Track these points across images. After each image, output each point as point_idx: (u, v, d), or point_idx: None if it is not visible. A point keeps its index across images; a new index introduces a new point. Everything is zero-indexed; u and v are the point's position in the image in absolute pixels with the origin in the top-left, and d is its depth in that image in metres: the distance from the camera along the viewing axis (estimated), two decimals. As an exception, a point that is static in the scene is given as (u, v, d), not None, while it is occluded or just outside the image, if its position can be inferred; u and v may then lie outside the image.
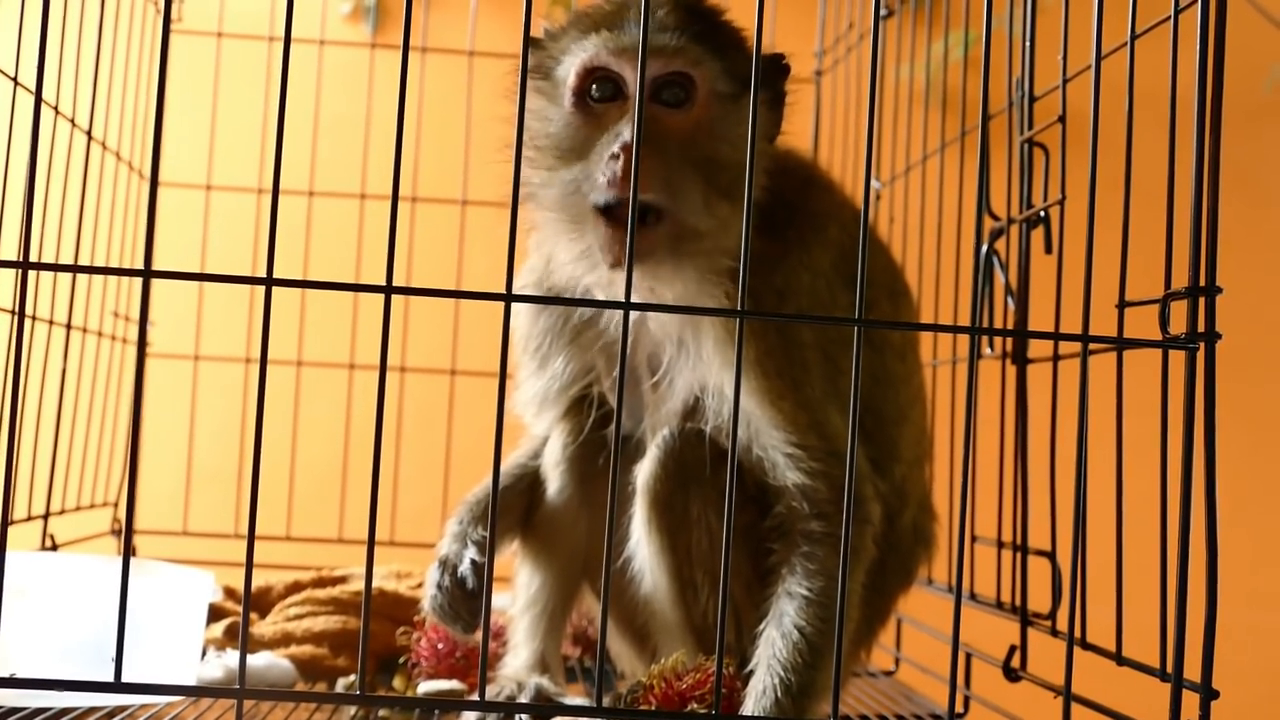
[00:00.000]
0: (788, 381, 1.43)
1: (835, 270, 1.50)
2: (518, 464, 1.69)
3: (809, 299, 1.47)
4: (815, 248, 1.49)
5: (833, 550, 1.41)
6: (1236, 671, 1.18)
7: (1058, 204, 1.49)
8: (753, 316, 1.18)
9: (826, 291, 1.49)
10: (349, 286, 1.14)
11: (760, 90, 1.38)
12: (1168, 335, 1.20)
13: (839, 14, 2.44)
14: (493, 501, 1.16)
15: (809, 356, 1.45)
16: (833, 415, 1.45)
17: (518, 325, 1.61)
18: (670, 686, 1.39)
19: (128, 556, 1.11)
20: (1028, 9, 1.57)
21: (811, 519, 1.43)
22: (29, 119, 1.68)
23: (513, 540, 1.67)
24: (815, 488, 1.43)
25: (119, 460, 2.27)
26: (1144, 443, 1.29)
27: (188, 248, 2.48)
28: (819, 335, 1.46)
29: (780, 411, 1.43)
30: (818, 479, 1.43)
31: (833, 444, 1.43)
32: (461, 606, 1.52)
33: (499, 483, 1.15)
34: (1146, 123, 1.33)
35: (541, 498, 1.65)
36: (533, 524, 1.67)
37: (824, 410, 1.44)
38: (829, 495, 1.42)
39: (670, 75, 1.38)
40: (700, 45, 1.37)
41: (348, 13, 2.94)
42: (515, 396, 1.64)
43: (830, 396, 1.45)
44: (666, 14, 1.39)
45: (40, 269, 1.12)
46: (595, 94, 1.40)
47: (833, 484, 1.42)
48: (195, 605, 1.57)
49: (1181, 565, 1.16)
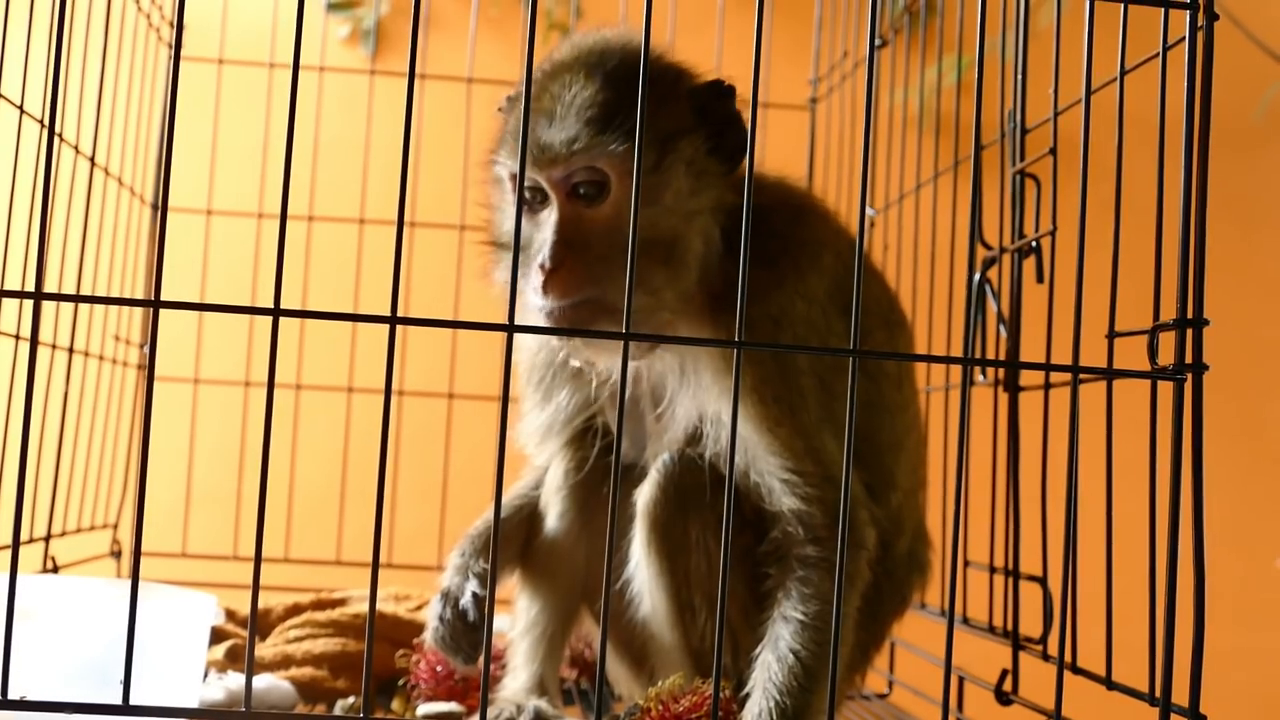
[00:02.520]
0: (784, 408, 1.45)
1: (830, 298, 1.51)
2: (519, 494, 1.70)
3: (804, 327, 1.48)
4: (810, 275, 1.50)
5: (828, 575, 1.42)
6: (1222, 693, 1.19)
7: (1049, 234, 1.51)
8: (749, 346, 1.20)
9: (822, 319, 1.50)
10: (355, 317, 1.16)
11: (700, 129, 1.43)
12: (1156, 366, 1.23)
13: (833, 42, 2.47)
14: (495, 528, 1.17)
15: (805, 383, 1.46)
16: (828, 441, 1.47)
17: (520, 358, 1.63)
18: (667, 709, 1.40)
19: (136, 579, 1.12)
20: (1019, 41, 1.60)
21: (807, 544, 1.45)
22: (32, 145, 1.72)
23: (513, 571, 1.69)
24: (810, 513, 1.44)
25: (118, 482, 2.29)
26: (1133, 470, 1.31)
27: (187, 272, 2.50)
28: (815, 362, 1.47)
29: (776, 438, 1.44)
30: (813, 504, 1.44)
31: (828, 470, 1.45)
32: (463, 639, 1.54)
33: (500, 511, 1.17)
34: (1138, 154, 1.35)
35: (541, 525, 1.66)
36: (533, 549, 1.68)
37: (819, 436, 1.46)
38: (824, 520, 1.44)
39: (581, 173, 1.38)
40: (608, 133, 1.36)
41: (346, 36, 2.97)
42: (518, 428, 1.65)
43: (825, 423, 1.47)
44: (571, 102, 1.39)
45: (52, 299, 1.14)
46: (528, 196, 1.42)
47: (828, 509, 1.44)
48: (198, 627, 1.58)
49: (1169, 590, 1.18)
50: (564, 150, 1.36)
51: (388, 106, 2.67)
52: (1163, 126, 1.27)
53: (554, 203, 1.39)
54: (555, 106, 1.39)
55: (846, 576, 1.35)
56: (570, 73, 1.41)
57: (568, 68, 1.42)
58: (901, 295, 1.80)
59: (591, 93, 1.38)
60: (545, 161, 1.37)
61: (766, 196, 1.48)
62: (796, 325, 1.47)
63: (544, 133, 1.37)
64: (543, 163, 1.37)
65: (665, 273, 1.40)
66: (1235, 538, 2.83)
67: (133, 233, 2.25)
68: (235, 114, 2.60)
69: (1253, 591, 2.95)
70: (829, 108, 2.48)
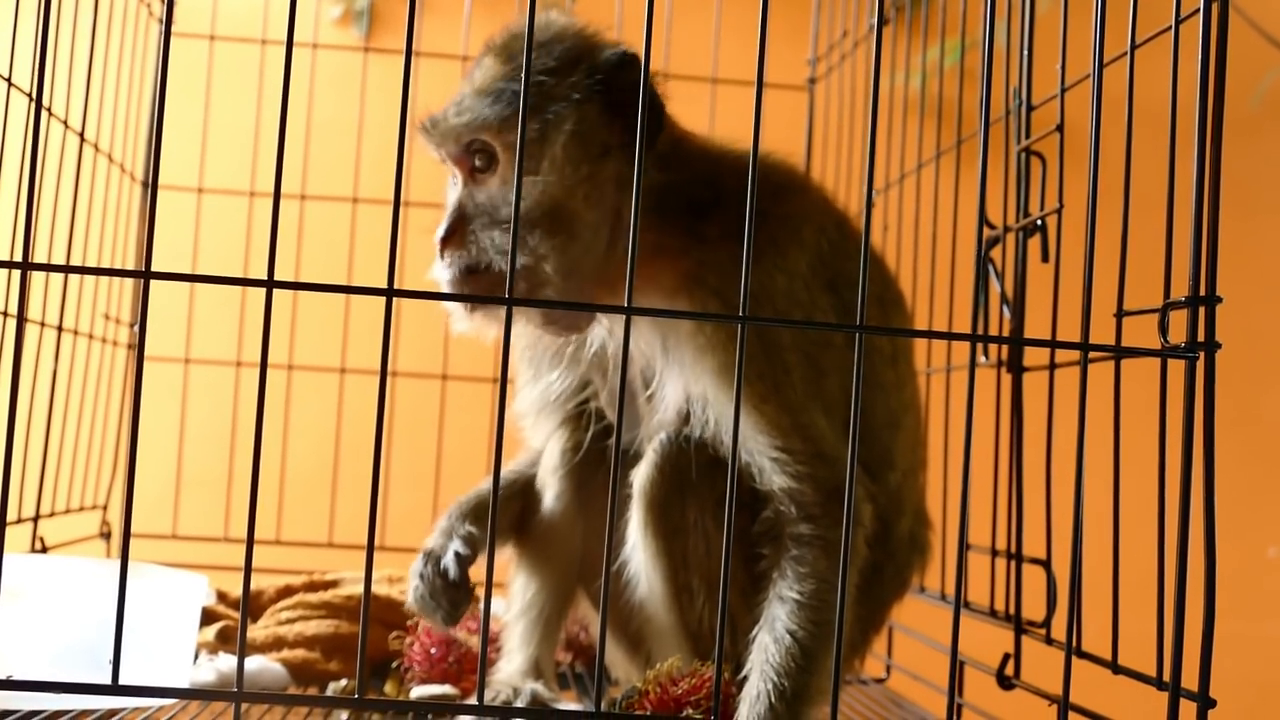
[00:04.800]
0: (769, 385, 1.43)
1: (813, 272, 1.49)
2: (515, 470, 1.69)
3: (785, 301, 1.45)
4: (790, 250, 1.48)
5: (822, 552, 1.41)
6: (1216, 680, 1.18)
7: (1055, 213, 1.49)
8: (755, 321, 1.18)
9: (805, 293, 1.47)
10: (351, 289, 1.14)
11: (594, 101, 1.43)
12: (1167, 344, 1.21)
13: (833, 21, 2.45)
14: (492, 511, 1.15)
15: (789, 359, 1.44)
16: (816, 418, 1.45)
17: (517, 334, 1.62)
18: (665, 692, 1.39)
19: (125, 559, 1.10)
20: (1025, 19, 1.57)
21: (800, 522, 1.43)
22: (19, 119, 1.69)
23: (504, 543, 1.67)
24: (801, 490, 1.42)
25: (108, 463, 2.26)
26: (1140, 450, 1.30)
27: (179, 251, 2.48)
28: (799, 337, 1.45)
29: (763, 415, 1.42)
30: (804, 482, 1.42)
31: (818, 446, 1.43)
32: (441, 596, 1.52)
33: (498, 489, 1.15)
34: (1143, 134, 1.34)
35: (537, 504, 1.65)
36: (529, 530, 1.67)
37: (807, 413, 1.44)
38: (816, 498, 1.42)
39: (470, 147, 1.45)
40: (492, 107, 1.42)
41: (338, 16, 2.94)
42: (514, 404, 1.64)
43: (813, 399, 1.45)
44: (476, 82, 1.46)
45: (40, 269, 1.12)
46: (456, 171, 1.50)
47: (819, 486, 1.42)
48: (189, 608, 1.56)
49: (1180, 574, 1.17)
50: (449, 126, 1.45)
51: (381, 86, 2.64)
52: (1174, 100, 1.25)
53: (460, 177, 1.48)
54: (465, 87, 1.47)
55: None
56: (490, 55, 1.48)
57: (491, 50, 1.48)
58: (902, 276, 1.78)
59: (495, 72, 1.45)
60: (437, 137, 1.46)
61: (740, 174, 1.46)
62: (777, 300, 1.45)
63: (446, 115, 1.46)
64: (435, 138, 1.47)
65: (550, 242, 1.40)
66: (1229, 526, 2.79)
67: (122, 210, 2.22)
68: (227, 91, 2.56)
69: (1247, 580, 2.94)
70: (827, 88, 2.45)
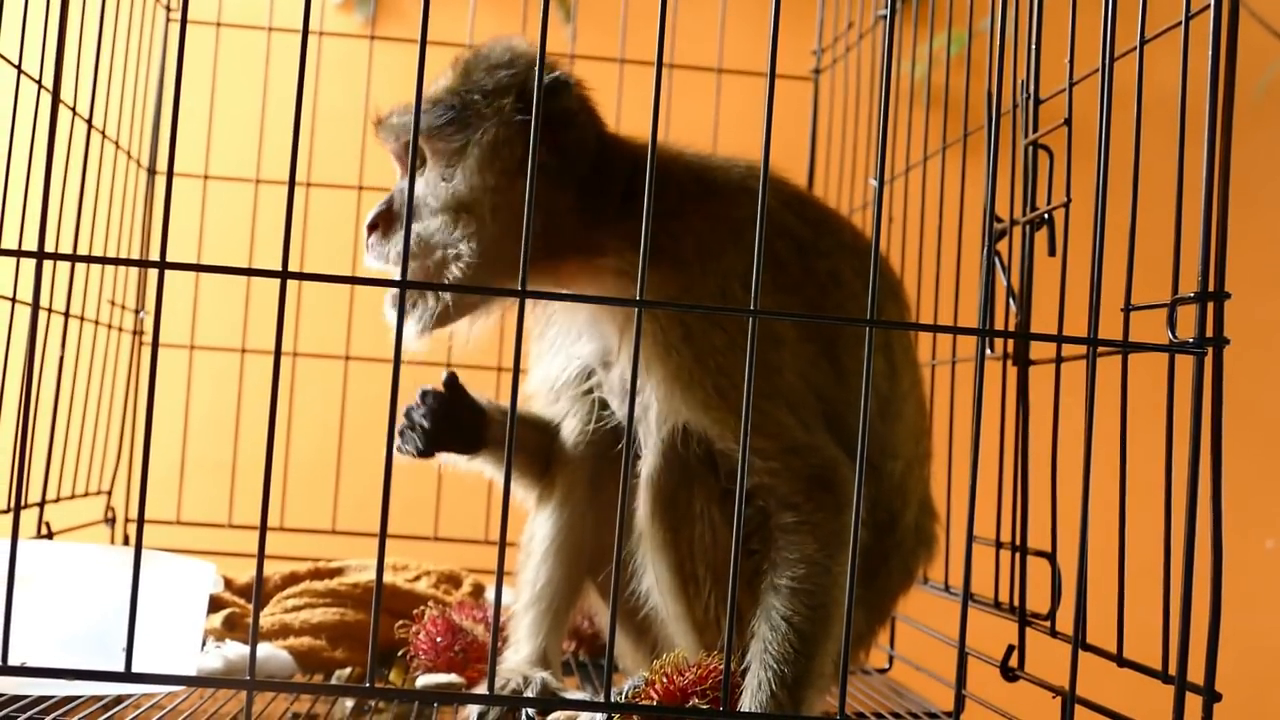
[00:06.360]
0: (708, 390, 1.45)
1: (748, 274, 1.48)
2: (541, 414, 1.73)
3: (718, 302, 1.46)
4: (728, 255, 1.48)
5: (809, 536, 1.44)
6: (1222, 672, 1.18)
7: (1062, 206, 1.49)
8: (766, 314, 1.18)
9: (743, 294, 1.46)
10: (367, 281, 1.14)
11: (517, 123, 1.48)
12: (1175, 339, 1.21)
13: (838, 13, 2.45)
14: (504, 499, 1.16)
15: (728, 361, 1.45)
16: (774, 412, 1.45)
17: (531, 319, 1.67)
18: (672, 682, 1.40)
19: (140, 546, 1.11)
20: (1033, 11, 1.58)
21: (784, 511, 1.45)
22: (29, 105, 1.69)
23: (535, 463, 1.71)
24: (774, 485, 1.45)
25: (113, 448, 2.27)
26: (1146, 444, 1.30)
27: (184, 237, 2.47)
28: (737, 336, 1.44)
29: (715, 421, 1.45)
30: (778, 476, 1.45)
31: (786, 441, 1.45)
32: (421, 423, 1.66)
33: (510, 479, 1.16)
34: (1151, 127, 1.34)
35: (553, 484, 1.68)
36: (540, 522, 1.68)
37: (760, 411, 1.42)
38: (794, 486, 1.44)
39: (407, 146, 1.54)
40: (430, 115, 1.50)
41: (340, 2, 2.94)
42: (528, 380, 1.70)
43: (766, 395, 1.44)
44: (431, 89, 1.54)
45: (58, 259, 1.12)
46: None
47: (795, 475, 1.44)
48: (197, 595, 1.57)
49: (1187, 567, 1.17)
50: (390, 125, 1.56)
51: (386, 73, 2.64)
52: (1184, 94, 1.26)
53: (399, 171, 1.60)
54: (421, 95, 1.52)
55: (834, 535, 1.42)
56: (452, 68, 1.56)
57: (455, 64, 1.57)
58: (907, 269, 1.78)
59: (446, 85, 1.54)
60: (383, 133, 1.57)
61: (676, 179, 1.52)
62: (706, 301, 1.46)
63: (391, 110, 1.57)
64: (381, 134, 1.57)
65: (455, 237, 1.47)
66: (1227, 518, 2.82)
67: (129, 197, 2.22)
68: (232, 78, 2.56)
69: (1244, 573, 2.94)
70: (832, 78, 2.46)
